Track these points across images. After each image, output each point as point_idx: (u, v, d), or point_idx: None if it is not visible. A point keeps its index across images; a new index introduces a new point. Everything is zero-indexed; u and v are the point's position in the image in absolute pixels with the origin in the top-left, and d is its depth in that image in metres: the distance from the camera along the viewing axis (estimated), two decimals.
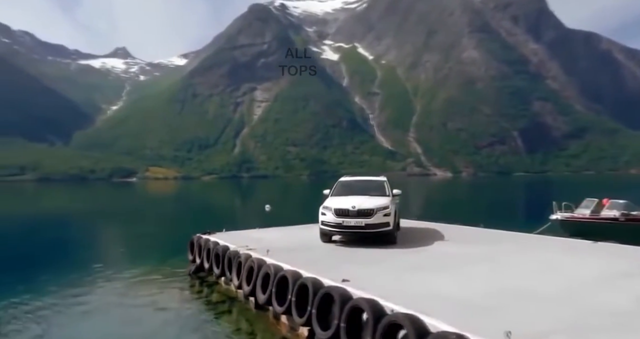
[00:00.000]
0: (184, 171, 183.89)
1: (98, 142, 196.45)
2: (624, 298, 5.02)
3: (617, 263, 7.07)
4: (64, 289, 9.21)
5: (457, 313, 4.51)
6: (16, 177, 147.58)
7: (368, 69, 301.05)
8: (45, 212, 35.46)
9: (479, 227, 11.63)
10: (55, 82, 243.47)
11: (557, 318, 4.36)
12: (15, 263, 13.07)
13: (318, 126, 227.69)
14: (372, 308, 4.77)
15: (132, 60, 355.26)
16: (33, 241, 17.68)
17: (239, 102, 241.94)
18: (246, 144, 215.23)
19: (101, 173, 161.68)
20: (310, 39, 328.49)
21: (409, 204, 38.87)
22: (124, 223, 25.69)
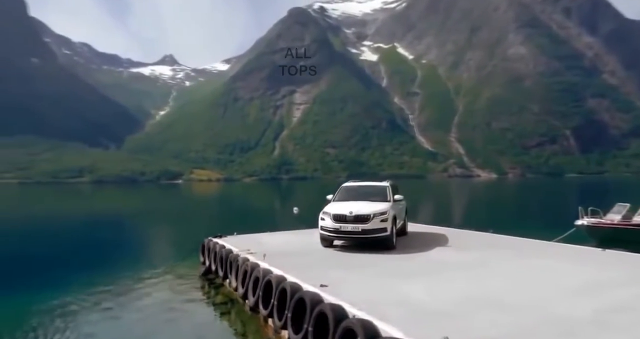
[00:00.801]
0: (226, 173, 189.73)
1: (148, 145, 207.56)
2: (589, 308, 4.97)
3: (612, 271, 6.90)
4: (85, 287, 10.00)
5: (415, 319, 4.65)
6: (75, 179, 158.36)
7: (408, 68, 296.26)
8: (93, 213, 38.11)
9: (488, 232, 11.43)
10: (109, 90, 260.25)
11: (505, 326, 4.41)
12: (43, 262, 14.26)
13: (357, 127, 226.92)
14: (335, 313, 4.96)
15: (179, 67, 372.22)
16: (70, 241, 19.20)
17: (279, 105, 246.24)
18: (285, 146, 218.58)
19: (150, 175, 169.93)
20: (349, 41, 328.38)
21: (437, 207, 37.94)
22: (161, 223, 27.17)
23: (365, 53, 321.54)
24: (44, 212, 39.41)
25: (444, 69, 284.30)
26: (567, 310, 4.91)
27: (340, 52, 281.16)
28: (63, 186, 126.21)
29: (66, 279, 11.27)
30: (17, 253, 16.00)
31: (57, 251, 16.76)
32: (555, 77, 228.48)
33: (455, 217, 27.66)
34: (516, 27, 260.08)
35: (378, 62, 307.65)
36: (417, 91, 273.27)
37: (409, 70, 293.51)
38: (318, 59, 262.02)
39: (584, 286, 5.94)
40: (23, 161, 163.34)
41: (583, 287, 5.91)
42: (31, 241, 19.66)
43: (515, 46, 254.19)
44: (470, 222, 12.27)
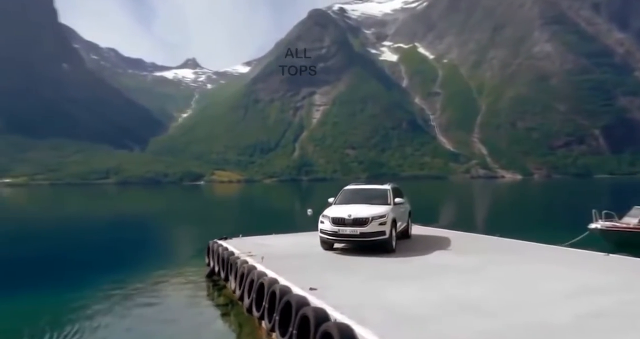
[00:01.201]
0: (246, 175, 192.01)
1: (171, 147, 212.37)
2: (571, 313, 4.95)
3: (609, 276, 6.81)
4: (94, 286, 10.39)
5: (393, 323, 4.74)
6: (102, 180, 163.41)
7: (429, 68, 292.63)
8: (115, 214, 39.29)
9: (494, 236, 11.36)
10: (134, 93, 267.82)
11: (477, 330, 4.47)
12: (61, 262, 14.84)
13: (377, 128, 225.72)
14: (316, 316, 5.05)
15: (201, 70, 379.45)
16: (90, 241, 19.87)
17: (299, 107, 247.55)
18: (305, 148, 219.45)
19: (173, 176, 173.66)
20: (368, 41, 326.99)
21: (452, 209, 37.23)
22: (178, 224, 27.81)
23: (385, 53, 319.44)
24: (71, 213, 40.94)
25: (465, 68, 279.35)
26: (547, 315, 4.92)
27: (359, 53, 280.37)
28: (91, 187, 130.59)
29: (80, 278, 11.74)
30: (35, 253, 16.70)
31: (76, 250, 17.42)
32: (584, 75, 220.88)
33: (469, 219, 27.19)
34: (542, 24, 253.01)
35: (398, 62, 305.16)
36: (438, 91, 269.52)
37: (430, 70, 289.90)
38: (337, 60, 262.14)
39: (573, 291, 5.91)
40: (54, 163, 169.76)
41: (572, 292, 5.88)
42: (54, 241, 20.51)
43: (540, 44, 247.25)
44: (484, 225, 12.24)
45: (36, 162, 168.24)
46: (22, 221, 33.67)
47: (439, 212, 33.42)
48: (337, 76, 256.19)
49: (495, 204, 47.74)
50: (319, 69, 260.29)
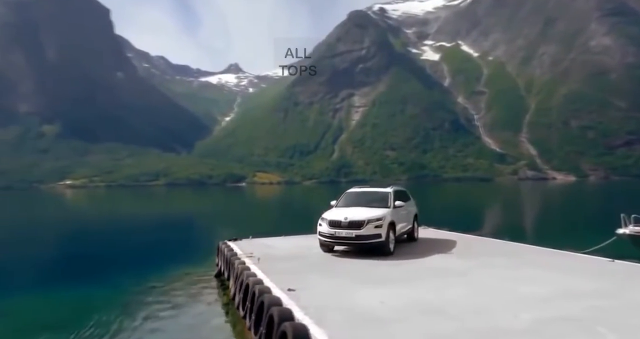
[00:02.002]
0: (286, 176, 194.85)
1: (215, 150, 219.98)
2: (532, 318, 4.98)
3: (597, 283, 6.70)
4: (115, 283, 11.18)
5: (350, 325, 4.92)
6: (152, 182, 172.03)
7: (473, 66, 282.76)
8: (161, 214, 41.48)
9: (502, 240, 11.23)
10: (181, 99, 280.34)
11: (425, 333, 4.59)
12: (99, 260, 16.00)
13: (417, 128, 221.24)
14: (280, 316, 5.28)
15: (243, 75, 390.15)
16: (131, 240, 21.20)
17: (338, 109, 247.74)
18: (344, 149, 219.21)
19: (217, 178, 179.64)
20: (409, 41, 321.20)
21: (482, 212, 35.71)
22: (213, 224, 28.95)
23: (426, 53, 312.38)
24: (121, 213, 43.82)
25: (513, 65, 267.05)
26: (507, 319, 4.96)
27: (400, 53, 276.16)
28: (141, 189, 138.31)
29: (110, 273, 12.70)
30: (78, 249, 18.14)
31: (114, 248, 18.73)
32: None
33: (498, 222, 26.17)
34: (599, 16, 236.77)
35: (440, 61, 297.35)
36: (483, 90, 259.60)
37: (474, 69, 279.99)
38: (377, 61, 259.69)
39: (549, 296, 5.89)
40: (109, 166, 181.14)
41: (548, 297, 5.87)
42: (100, 239, 22.16)
43: (598, 37, 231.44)
44: (511, 228, 11.97)
45: (94, 165, 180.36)
46: (77, 220, 36.54)
47: (472, 215, 32.38)
48: (376, 77, 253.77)
49: (537, 206, 45.45)
50: (358, 70, 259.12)
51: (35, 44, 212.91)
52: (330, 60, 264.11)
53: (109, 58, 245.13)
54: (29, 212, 48.87)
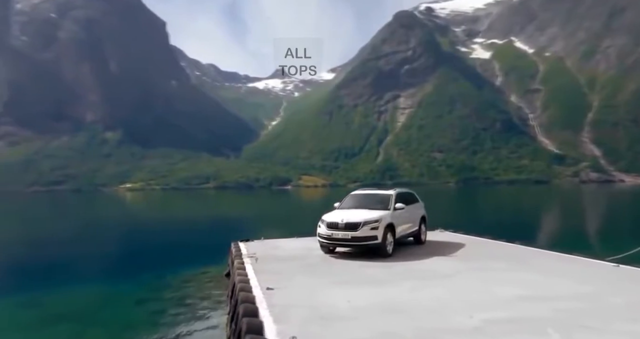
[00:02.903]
0: (331, 179, 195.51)
1: (261, 154, 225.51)
2: (485, 318, 5.05)
3: (580, 286, 6.67)
4: (138, 279, 12.03)
5: (305, 323, 5.12)
6: (204, 185, 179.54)
7: (527, 63, 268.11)
8: (206, 215, 43.46)
9: (514, 243, 11.07)
10: (230, 104, 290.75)
11: (375, 331, 4.75)
12: (135, 257, 17.19)
13: (466, 129, 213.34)
14: (244, 313, 5.52)
15: (289, 79, 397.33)
16: (167, 240, 22.50)
17: (383, 111, 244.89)
18: (389, 152, 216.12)
19: (263, 181, 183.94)
20: (458, 40, 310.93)
21: (532, 216, 33.59)
22: (248, 225, 29.92)
23: (476, 51, 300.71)
24: (172, 214, 46.55)
25: (573, 61, 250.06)
26: (459, 320, 5.06)
27: (448, 52, 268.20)
28: (194, 192, 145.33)
29: (137, 271, 13.67)
30: (116, 249, 19.59)
31: (152, 248, 20.01)
32: None
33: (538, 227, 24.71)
34: None
35: (491, 59, 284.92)
36: (539, 87, 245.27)
37: (529, 66, 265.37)
38: (423, 62, 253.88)
39: (520, 298, 5.91)
40: (164, 170, 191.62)
41: (518, 299, 5.89)
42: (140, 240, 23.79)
43: None
44: (549, 233, 11.59)
45: (150, 169, 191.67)
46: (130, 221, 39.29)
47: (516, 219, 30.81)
48: (422, 78, 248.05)
49: (596, 210, 42.27)
50: (404, 72, 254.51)
51: (100, 58, 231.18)
52: (375, 62, 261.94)
53: (165, 68, 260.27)
54: (92, 213, 53.24)
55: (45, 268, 15.85)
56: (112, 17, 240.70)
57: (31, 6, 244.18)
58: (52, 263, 16.90)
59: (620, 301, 5.80)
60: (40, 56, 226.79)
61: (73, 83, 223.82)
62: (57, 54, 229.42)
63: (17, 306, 9.83)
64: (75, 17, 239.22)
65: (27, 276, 14.25)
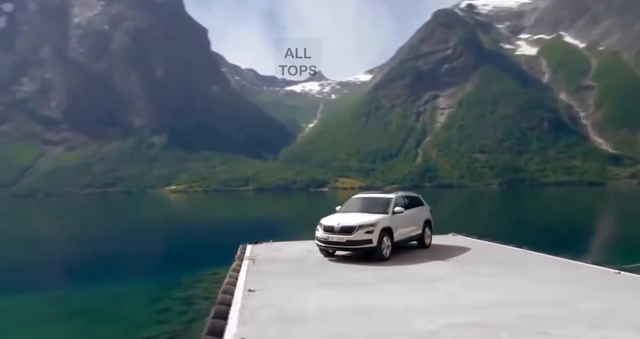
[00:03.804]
0: (368, 181, 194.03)
1: (299, 156, 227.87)
2: (442, 323, 5.07)
3: (564, 292, 6.59)
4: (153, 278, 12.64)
5: (268, 324, 5.27)
6: (243, 187, 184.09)
7: (578, 59, 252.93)
8: (240, 217, 44.67)
9: (522, 248, 10.89)
10: (268, 108, 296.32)
11: (332, 332, 4.85)
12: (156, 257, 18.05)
13: (510, 129, 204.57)
14: (214, 315, 5.71)
15: (326, 82, 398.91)
16: (194, 241, 23.41)
17: (421, 111, 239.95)
18: (428, 153, 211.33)
19: (301, 183, 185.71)
20: (501, 37, 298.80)
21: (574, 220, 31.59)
22: (277, 227, 30.49)
23: (521, 47, 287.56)
24: (208, 217, 48.36)
25: (630, 55, 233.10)
26: (420, 323, 5.13)
27: (490, 49, 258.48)
28: (233, 193, 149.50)
29: (156, 270, 14.38)
30: (150, 248, 20.64)
31: (175, 248, 20.91)
32: None
33: (570, 231, 23.29)
34: None
35: (538, 55, 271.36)
36: (591, 84, 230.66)
37: (580, 61, 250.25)
38: (464, 60, 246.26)
39: (493, 304, 5.90)
40: (205, 173, 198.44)
41: (490, 304, 5.87)
42: (173, 239, 24.96)
43: None
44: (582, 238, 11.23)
45: (193, 172, 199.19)
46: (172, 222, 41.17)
47: (554, 223, 29.20)
48: (463, 77, 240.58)
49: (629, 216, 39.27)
50: (443, 71, 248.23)
51: (147, 66, 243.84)
52: (414, 62, 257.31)
53: (206, 73, 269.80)
54: (137, 214, 56.27)
55: (76, 265, 17.06)
56: (157, 27, 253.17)
57: (87, 20, 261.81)
58: (85, 261, 18.11)
59: (596, 307, 5.69)
60: (94, 66, 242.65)
61: (123, 90, 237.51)
62: (109, 64, 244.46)
63: (42, 300, 10.69)
64: (126, 28, 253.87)
65: (57, 272, 15.41)
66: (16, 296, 10.95)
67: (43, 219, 53.36)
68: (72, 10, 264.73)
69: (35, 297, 11.02)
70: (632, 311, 5.54)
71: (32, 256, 18.95)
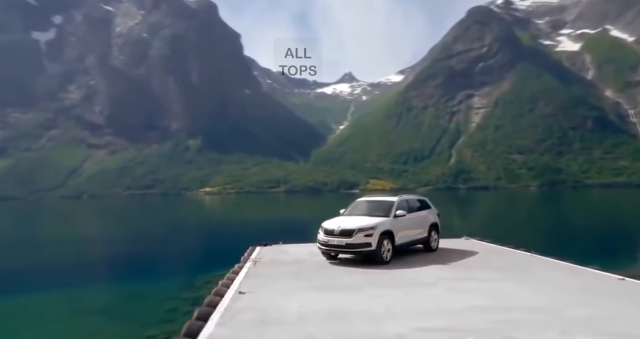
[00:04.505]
0: (400, 183, 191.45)
1: (329, 158, 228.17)
2: (412, 327, 5.13)
3: (547, 298, 6.46)
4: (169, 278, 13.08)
5: (244, 326, 5.43)
6: (274, 189, 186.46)
7: (626, 54, 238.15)
8: (268, 218, 45.40)
9: (529, 253, 10.73)
10: (299, 110, 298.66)
11: (302, 333, 4.96)
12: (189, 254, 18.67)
13: (550, 129, 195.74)
14: (197, 317, 5.88)
15: (356, 83, 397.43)
16: (211, 243, 24.00)
17: (455, 111, 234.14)
18: (463, 154, 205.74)
19: (331, 185, 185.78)
20: (541, 32, 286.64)
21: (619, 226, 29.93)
22: (297, 228, 30.74)
23: (562, 43, 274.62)
24: (240, 218, 49.43)
25: None
26: (391, 327, 5.19)
27: (528, 46, 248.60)
28: (264, 195, 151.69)
29: (174, 271, 14.88)
30: (174, 248, 21.39)
31: (204, 249, 21.54)
32: None
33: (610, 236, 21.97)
34: None
35: (581, 51, 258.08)
36: None
37: (628, 56, 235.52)
38: (500, 58, 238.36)
39: (472, 309, 5.88)
40: (238, 175, 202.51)
41: (469, 309, 5.86)
42: (199, 240, 25.70)
43: None
44: None
45: (226, 174, 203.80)
46: (203, 223, 42.46)
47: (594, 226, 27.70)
48: (499, 76, 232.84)
49: None
50: (478, 70, 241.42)
51: (183, 71, 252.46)
52: (447, 62, 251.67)
53: (239, 77, 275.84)
54: (172, 215, 58.38)
55: (106, 263, 17.94)
56: (193, 33, 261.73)
57: (128, 29, 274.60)
58: (114, 259, 19.03)
59: (582, 313, 5.60)
60: (134, 73, 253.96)
61: (160, 95, 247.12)
62: (147, 70, 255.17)
63: (58, 299, 11.34)
64: (163, 35, 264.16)
65: (86, 270, 16.31)
66: (30, 295, 11.73)
67: (84, 220, 56.43)
68: (115, 20, 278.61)
69: (53, 295, 11.73)
70: (617, 319, 5.41)
71: (65, 255, 20.12)
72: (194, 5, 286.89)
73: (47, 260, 18.66)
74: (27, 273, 15.51)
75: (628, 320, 5.42)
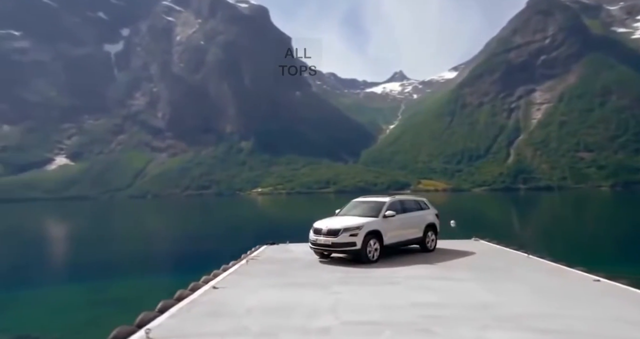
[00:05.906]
0: (453, 183, 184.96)
1: (379, 158, 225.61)
2: (344, 320, 5.29)
3: (499, 296, 6.46)
4: None
5: (199, 317, 5.67)
6: (323, 190, 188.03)
7: None
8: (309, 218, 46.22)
9: (527, 254, 10.48)
10: (349, 110, 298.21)
11: (267, 324, 5.19)
12: None
13: (625, 124, 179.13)
14: (159, 309, 6.25)
15: (407, 82, 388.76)
16: (236, 242, 24.87)
17: (513, 108, 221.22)
18: (522, 153, 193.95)
19: (381, 186, 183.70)
20: (614, 19, 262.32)
21: None
22: None
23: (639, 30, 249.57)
24: (285, 217, 51.18)
25: None
26: (325, 320, 5.34)
27: (598, 35, 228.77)
28: (314, 195, 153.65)
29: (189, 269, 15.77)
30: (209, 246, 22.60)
31: (233, 246, 22.53)
32: None
33: None
34: None
35: None
36: None
37: None
38: (565, 50, 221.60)
39: (420, 305, 5.99)
40: (289, 175, 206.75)
41: (415, 306, 5.97)
42: (237, 238, 26.86)
43: None
44: None
45: (277, 175, 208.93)
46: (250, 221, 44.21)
47: None
48: (564, 68, 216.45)
49: None
50: (540, 63, 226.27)
51: (236, 75, 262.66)
52: (504, 56, 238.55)
53: (290, 80, 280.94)
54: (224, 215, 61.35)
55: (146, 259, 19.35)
56: (245, 38, 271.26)
57: (187, 37, 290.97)
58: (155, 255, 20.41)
59: (516, 311, 5.62)
60: (192, 78, 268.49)
61: (216, 100, 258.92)
62: (204, 76, 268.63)
63: (77, 291, 12.55)
64: (218, 42, 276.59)
65: (103, 266, 17.82)
66: None
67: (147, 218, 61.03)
68: (175, 29, 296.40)
69: (76, 286, 13.00)
70: (553, 316, 5.37)
71: (134, 251, 22.03)
72: (247, 11, 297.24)
73: (120, 255, 20.64)
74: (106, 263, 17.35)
75: (562, 317, 5.30)
